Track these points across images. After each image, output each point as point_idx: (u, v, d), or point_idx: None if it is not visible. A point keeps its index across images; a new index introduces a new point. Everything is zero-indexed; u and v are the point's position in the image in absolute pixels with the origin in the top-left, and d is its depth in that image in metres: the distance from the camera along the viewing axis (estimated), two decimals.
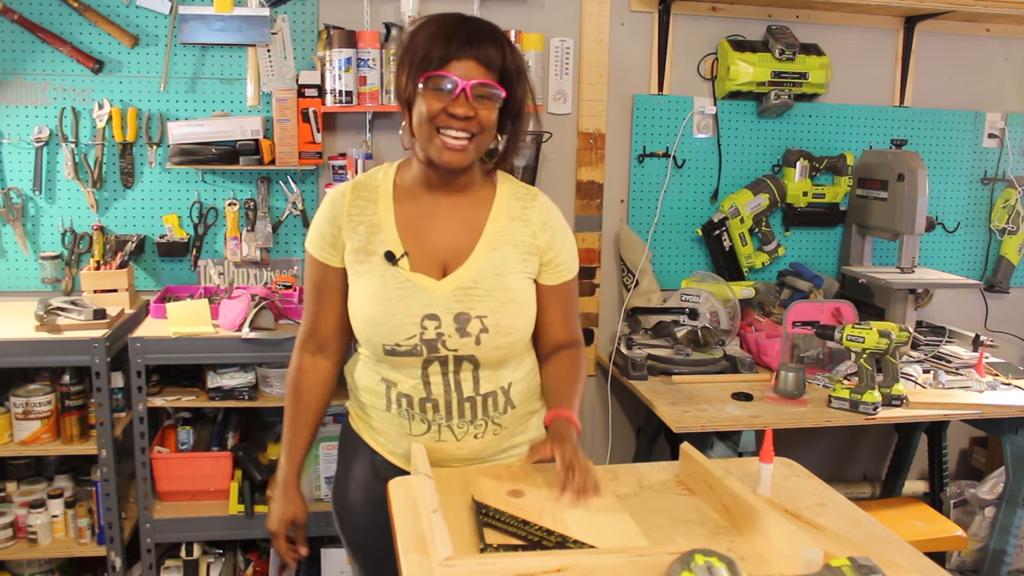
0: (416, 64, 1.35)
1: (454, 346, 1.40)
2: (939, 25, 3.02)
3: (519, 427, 1.52)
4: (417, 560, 1.09)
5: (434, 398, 1.43)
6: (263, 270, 2.74)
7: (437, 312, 1.39)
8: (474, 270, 1.42)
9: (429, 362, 1.42)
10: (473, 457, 1.48)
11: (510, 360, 1.47)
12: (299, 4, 2.63)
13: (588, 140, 2.86)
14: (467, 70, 1.34)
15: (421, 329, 1.39)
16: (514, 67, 1.39)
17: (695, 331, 2.65)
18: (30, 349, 2.21)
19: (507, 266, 1.44)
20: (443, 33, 1.35)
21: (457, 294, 1.40)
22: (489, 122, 1.37)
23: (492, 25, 1.40)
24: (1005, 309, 3.28)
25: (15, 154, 2.59)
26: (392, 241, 1.42)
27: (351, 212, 1.45)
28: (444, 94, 1.33)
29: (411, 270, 1.41)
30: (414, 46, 1.37)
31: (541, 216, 1.49)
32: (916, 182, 2.65)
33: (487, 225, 1.45)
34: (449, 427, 1.45)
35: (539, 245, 1.48)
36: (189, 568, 2.44)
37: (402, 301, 1.39)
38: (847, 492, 2.98)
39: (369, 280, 1.42)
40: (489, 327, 1.40)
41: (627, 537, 1.16)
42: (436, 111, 1.34)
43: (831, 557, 1.04)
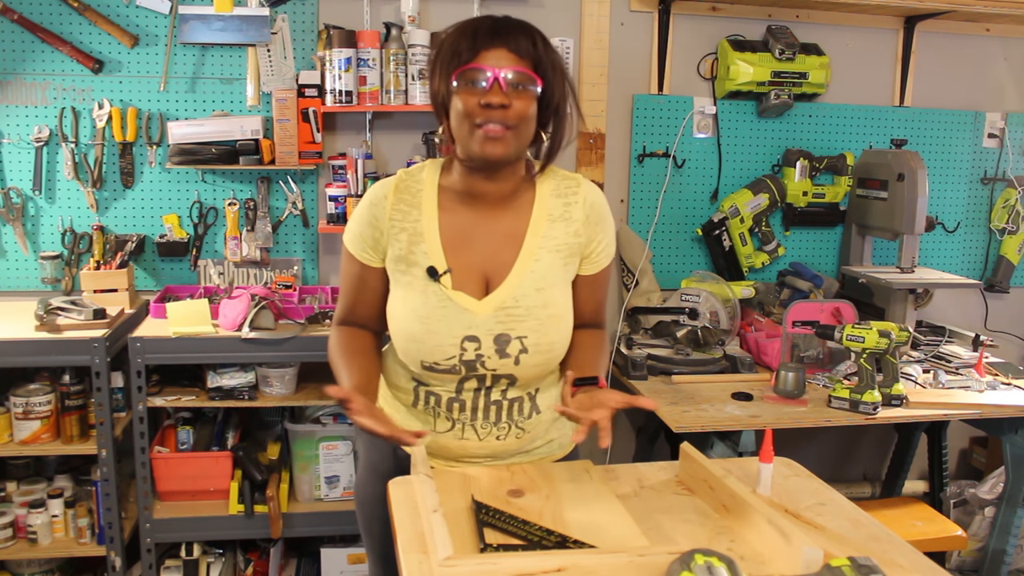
0: (447, 63, 1.33)
1: (493, 367, 1.39)
2: (939, 25, 3.02)
3: (542, 431, 1.52)
4: (417, 560, 1.09)
5: (462, 399, 1.44)
6: (263, 270, 2.74)
7: (478, 334, 1.38)
8: (515, 287, 1.39)
9: (466, 379, 1.42)
10: (492, 455, 1.49)
11: (546, 373, 1.47)
12: (299, 4, 2.63)
13: (588, 140, 2.86)
14: (498, 59, 1.30)
15: (461, 350, 1.38)
16: (549, 59, 1.35)
17: (695, 331, 2.65)
18: (30, 349, 2.21)
19: (548, 278, 1.42)
20: (469, 29, 1.33)
21: (498, 315, 1.38)
22: (527, 113, 1.33)
23: (523, 20, 1.37)
24: (1005, 309, 3.28)
25: (15, 154, 2.59)
26: (435, 253, 1.39)
27: (393, 216, 1.41)
28: (478, 87, 1.30)
29: (453, 287, 1.38)
30: (443, 49, 1.35)
31: (584, 210, 1.46)
32: (916, 182, 2.65)
33: (528, 234, 1.42)
34: (473, 426, 1.46)
35: (580, 243, 1.46)
36: (189, 568, 2.44)
37: (443, 320, 1.37)
38: (847, 492, 2.98)
39: (410, 293, 1.39)
40: (529, 347, 1.39)
41: (627, 537, 1.16)
42: (472, 105, 1.30)
43: (831, 557, 1.04)
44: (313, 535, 2.53)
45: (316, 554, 2.58)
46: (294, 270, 2.75)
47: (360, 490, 1.62)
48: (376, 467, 1.56)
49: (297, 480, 2.51)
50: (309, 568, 2.66)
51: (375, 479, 1.54)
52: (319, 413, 2.53)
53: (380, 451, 1.55)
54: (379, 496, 1.52)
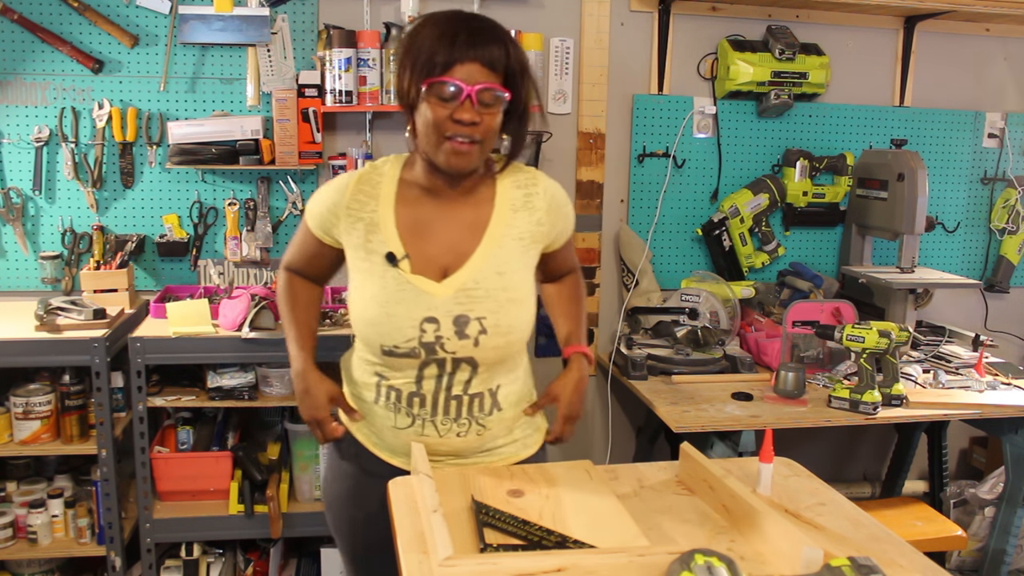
0: (419, 68, 1.33)
1: (452, 348, 1.40)
2: (939, 25, 3.02)
3: (503, 430, 1.52)
4: (417, 560, 1.09)
5: (423, 394, 1.44)
6: (263, 270, 2.74)
7: (436, 315, 1.39)
8: (476, 270, 1.41)
9: (426, 364, 1.42)
10: (454, 453, 1.49)
11: (507, 360, 1.47)
12: (299, 4, 2.63)
13: (588, 140, 2.86)
14: (471, 74, 1.32)
15: (420, 332, 1.39)
16: (518, 66, 1.37)
17: (695, 331, 2.65)
18: (30, 349, 2.20)
19: (510, 264, 1.44)
20: (446, 35, 1.33)
21: (458, 296, 1.40)
22: (494, 126, 1.36)
23: (493, 22, 1.38)
24: (1005, 309, 3.28)
25: (15, 154, 2.59)
26: (392, 242, 1.42)
27: (351, 206, 1.45)
28: (449, 100, 1.32)
29: (412, 272, 1.41)
30: (416, 48, 1.35)
31: (546, 200, 1.50)
32: (916, 182, 2.65)
33: (491, 223, 1.45)
34: (433, 423, 1.46)
35: (543, 231, 1.50)
36: (189, 568, 2.44)
37: (402, 304, 1.39)
38: (847, 492, 2.98)
39: (369, 280, 1.42)
40: (488, 328, 1.40)
41: (627, 537, 1.16)
42: (442, 118, 1.33)
43: (831, 557, 1.04)
44: (313, 535, 2.52)
45: (316, 554, 2.58)
46: None
47: (326, 490, 1.63)
48: (339, 467, 1.57)
49: (297, 480, 2.51)
50: (309, 568, 2.66)
51: (340, 478, 1.57)
52: None
53: (342, 451, 1.57)
54: (344, 495, 1.56)
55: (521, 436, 1.55)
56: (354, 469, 1.55)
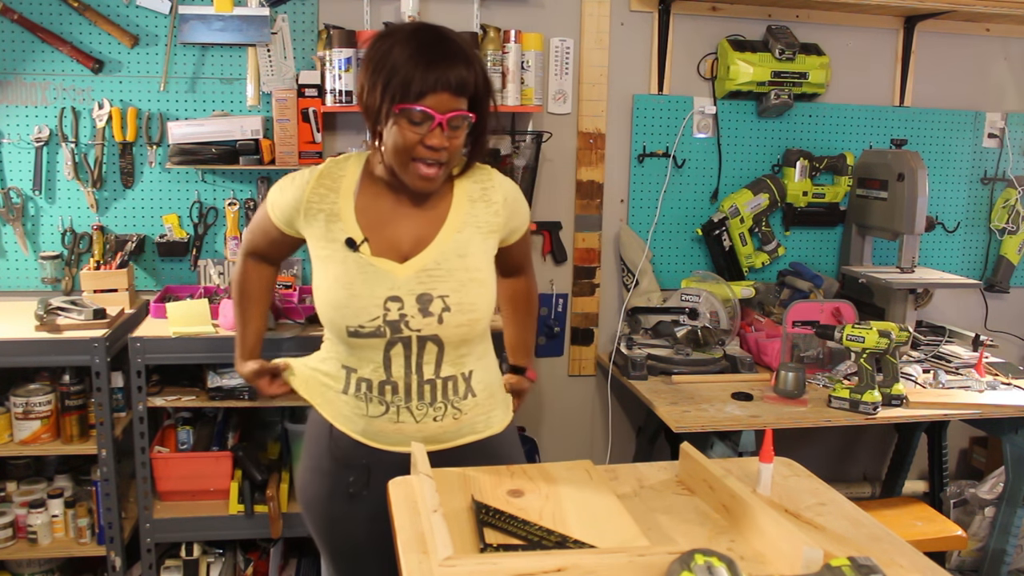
0: (391, 90, 1.35)
1: (417, 326, 1.44)
2: (939, 25, 3.02)
3: (480, 416, 1.55)
4: (417, 560, 1.09)
5: (394, 380, 1.46)
6: None
7: (400, 293, 1.43)
8: (436, 252, 1.46)
9: (392, 344, 1.44)
10: (432, 439, 1.50)
11: (473, 340, 1.50)
12: (299, 4, 2.63)
13: (588, 140, 2.86)
14: (442, 102, 1.36)
15: (384, 311, 1.42)
16: (484, 86, 1.42)
17: (695, 331, 2.65)
18: (30, 349, 2.21)
19: (470, 246, 1.49)
20: (418, 60, 1.34)
21: (419, 276, 1.44)
22: (458, 146, 1.42)
23: (461, 43, 1.40)
24: (1005, 309, 3.28)
25: (15, 154, 2.59)
26: (351, 229, 1.46)
27: (311, 199, 1.48)
28: (419, 125, 1.36)
29: (372, 255, 1.45)
30: (388, 68, 1.36)
31: (501, 193, 1.55)
32: (916, 182, 2.65)
33: (451, 212, 1.50)
34: (408, 408, 1.48)
35: (500, 222, 1.54)
36: (189, 568, 2.44)
37: (365, 284, 1.43)
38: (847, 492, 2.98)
39: (331, 266, 1.46)
40: (451, 306, 1.44)
41: (627, 537, 1.16)
42: (412, 142, 1.37)
43: (831, 557, 1.04)
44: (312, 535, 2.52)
45: (316, 554, 2.58)
46: (294, 270, 2.75)
47: (305, 491, 1.62)
48: (317, 465, 1.57)
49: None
50: (309, 568, 2.66)
51: (317, 478, 1.57)
52: None
53: (319, 449, 1.57)
54: (323, 495, 1.56)
55: (493, 412, 1.59)
56: (329, 465, 1.54)
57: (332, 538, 1.59)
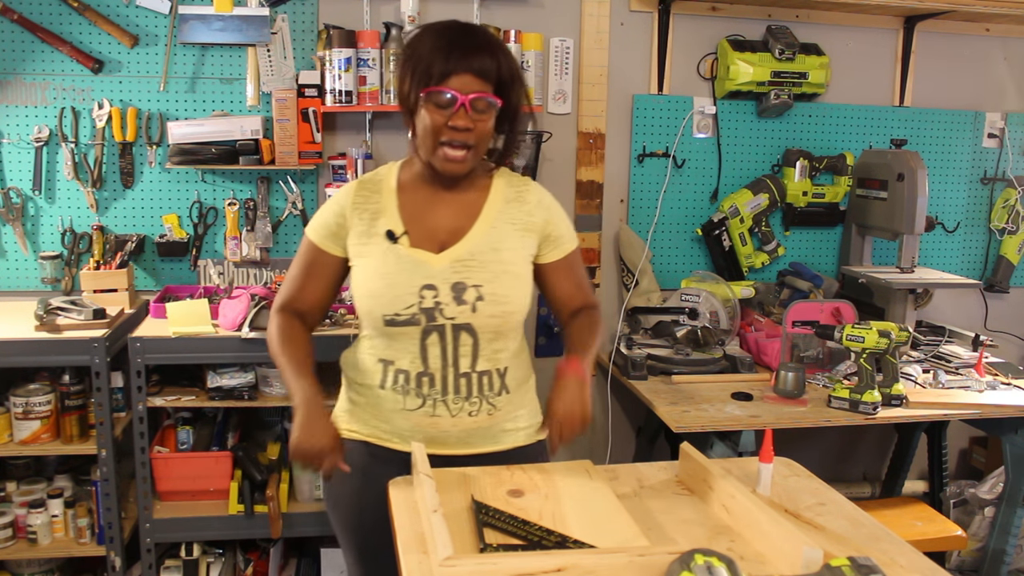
0: (418, 76, 1.43)
1: (451, 314, 1.47)
2: (939, 25, 3.02)
3: (511, 414, 1.57)
4: (417, 560, 1.09)
5: (431, 372, 1.49)
6: (263, 270, 2.74)
7: (435, 282, 1.47)
8: (471, 244, 1.51)
9: (428, 332, 1.47)
10: (467, 435, 1.52)
11: (507, 334, 1.52)
12: (299, 4, 2.63)
13: (588, 140, 2.86)
14: (465, 83, 1.42)
15: (419, 298, 1.47)
16: (509, 75, 1.47)
17: (695, 331, 2.65)
18: (30, 349, 2.20)
19: (504, 242, 1.53)
20: (442, 47, 1.43)
21: (455, 266, 1.48)
22: (486, 131, 1.46)
23: (488, 34, 1.49)
24: (1005, 309, 3.28)
25: (15, 154, 2.59)
26: (393, 223, 1.51)
27: (356, 202, 1.54)
28: (444, 108, 1.42)
29: (410, 247, 1.49)
30: (415, 57, 1.45)
31: (536, 196, 1.59)
32: (916, 182, 2.65)
33: (485, 207, 1.55)
34: (444, 402, 1.50)
35: (536, 222, 1.57)
36: (189, 568, 2.44)
37: (402, 273, 1.48)
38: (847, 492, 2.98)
39: (371, 259, 1.51)
40: (485, 295, 1.47)
41: (627, 537, 1.16)
42: (439, 124, 1.43)
43: (831, 557, 1.04)
44: (313, 535, 2.52)
45: (316, 554, 2.58)
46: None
47: (332, 489, 1.62)
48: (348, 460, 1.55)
49: (297, 480, 2.51)
50: (309, 568, 2.66)
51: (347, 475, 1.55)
52: None
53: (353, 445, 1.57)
54: (352, 491, 1.57)
55: (524, 426, 1.60)
56: (363, 462, 1.55)
57: (360, 533, 1.59)
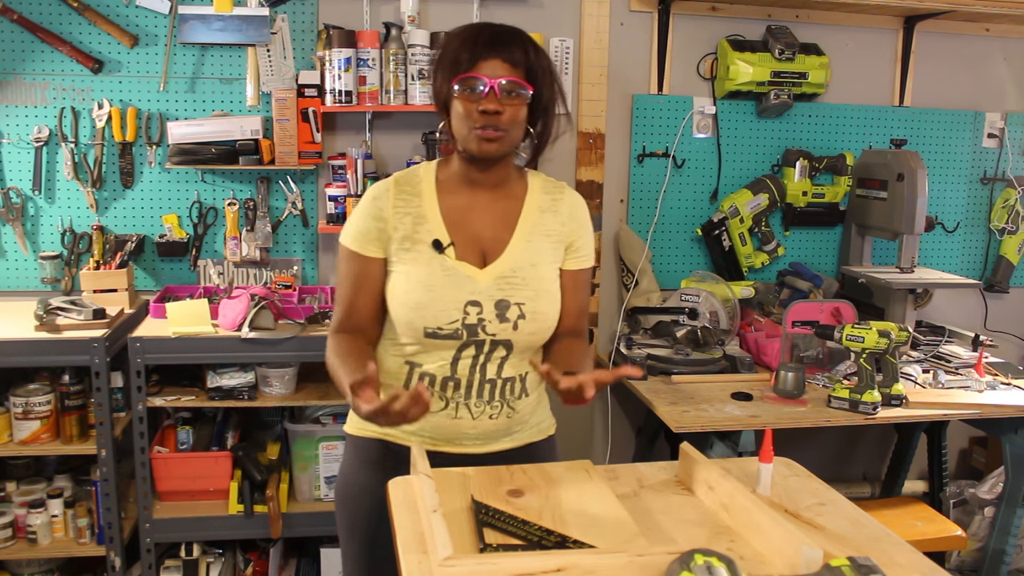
0: (449, 68, 1.47)
1: (493, 331, 1.48)
2: (939, 25, 3.02)
3: (528, 412, 1.60)
4: (417, 560, 1.09)
5: (457, 377, 1.50)
6: (263, 270, 2.74)
7: (480, 299, 1.48)
8: (512, 260, 1.51)
9: (466, 346, 1.48)
10: (484, 435, 1.54)
11: (538, 346, 1.55)
12: (299, 4, 2.63)
13: (588, 140, 2.86)
14: (494, 69, 1.44)
15: (464, 314, 1.47)
16: (539, 66, 1.49)
17: (695, 331, 2.65)
18: (30, 349, 2.21)
19: (541, 256, 1.54)
20: (470, 38, 1.47)
21: (499, 282, 1.49)
22: (518, 117, 1.47)
23: (517, 28, 1.52)
24: (1005, 309, 3.28)
25: (15, 154, 2.59)
26: (438, 230, 1.50)
27: (397, 204, 1.52)
28: (476, 94, 1.43)
29: (456, 259, 1.49)
30: (446, 54, 1.49)
31: (569, 207, 1.60)
32: (916, 182, 2.65)
33: (521, 218, 1.55)
34: (467, 405, 1.51)
35: (566, 233, 1.58)
36: (189, 568, 2.44)
37: (447, 287, 1.47)
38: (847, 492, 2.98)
39: (415, 267, 1.49)
40: (527, 313, 1.49)
41: (627, 537, 1.16)
42: (471, 110, 1.44)
43: (831, 557, 1.04)
44: (313, 535, 2.53)
45: (316, 554, 2.58)
46: (294, 270, 2.75)
47: (345, 486, 1.60)
48: (365, 457, 1.57)
49: (297, 480, 2.51)
50: (309, 568, 2.66)
51: (365, 469, 1.57)
52: (319, 413, 2.52)
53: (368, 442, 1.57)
54: (367, 488, 1.55)
55: (538, 422, 1.63)
56: (379, 459, 1.55)
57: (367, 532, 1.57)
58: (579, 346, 1.59)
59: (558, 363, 1.47)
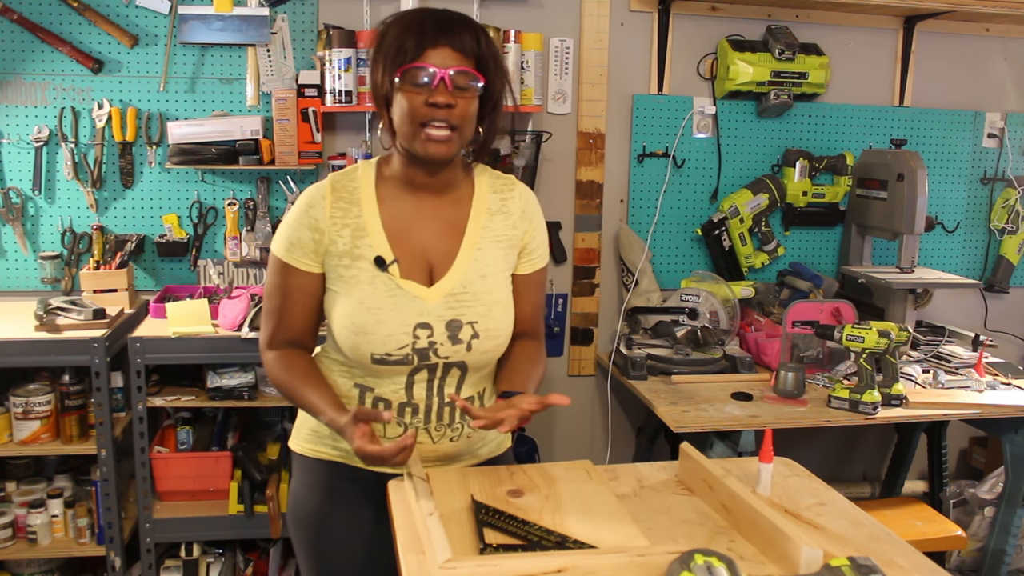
0: (391, 58, 1.32)
1: (446, 354, 1.39)
2: (939, 25, 3.02)
3: (488, 434, 1.52)
4: (417, 560, 1.09)
5: (415, 403, 1.42)
6: (263, 270, 2.74)
7: (429, 320, 1.37)
8: (461, 274, 1.40)
9: (417, 370, 1.40)
10: (444, 457, 1.47)
11: (492, 363, 1.47)
12: (299, 4, 2.63)
13: (588, 140, 2.86)
14: (443, 58, 1.30)
15: (414, 338, 1.37)
16: (490, 55, 1.35)
17: (695, 331, 2.65)
18: (30, 349, 2.21)
19: (491, 266, 1.43)
20: (414, 25, 1.32)
21: (448, 301, 1.39)
22: (470, 112, 1.34)
23: (464, 14, 1.36)
24: (1005, 309, 3.28)
25: (15, 154, 2.59)
26: (380, 245, 1.38)
27: (334, 215, 1.39)
28: (423, 86, 1.30)
29: (401, 277, 1.38)
30: (387, 43, 1.33)
31: (520, 205, 1.48)
32: (916, 182, 2.65)
33: (469, 224, 1.44)
34: (427, 430, 1.44)
35: (518, 236, 1.47)
36: (189, 568, 2.44)
37: (394, 310, 1.36)
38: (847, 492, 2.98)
39: (356, 287, 1.38)
40: (480, 332, 1.40)
41: (627, 537, 1.16)
42: (418, 104, 1.30)
43: (831, 557, 1.04)
44: None
45: None
46: None
47: (298, 508, 1.51)
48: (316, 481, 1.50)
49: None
50: None
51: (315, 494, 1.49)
52: None
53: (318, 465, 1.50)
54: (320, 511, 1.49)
55: (494, 437, 1.56)
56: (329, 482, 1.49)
57: (327, 555, 1.50)
58: (529, 353, 1.50)
59: (503, 379, 1.45)
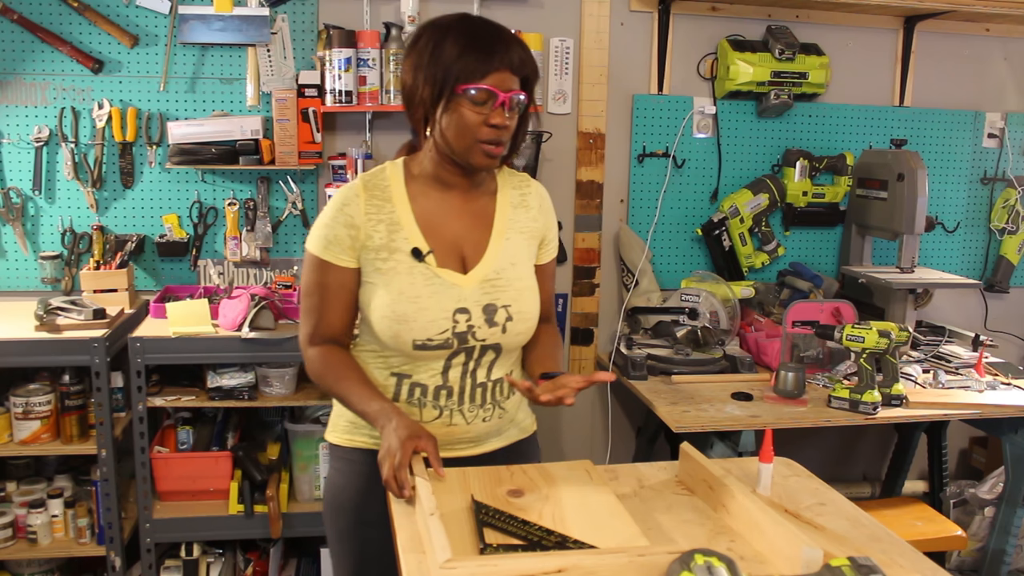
0: (452, 72, 1.38)
1: (483, 336, 1.46)
2: (939, 25, 3.02)
3: (514, 410, 1.60)
4: (417, 560, 1.09)
5: (449, 385, 1.49)
6: (263, 270, 2.74)
7: (467, 305, 1.45)
8: (493, 261, 1.49)
9: (456, 354, 1.47)
10: (477, 437, 1.54)
11: (521, 346, 1.55)
12: (299, 4, 2.63)
13: (588, 140, 2.86)
14: (503, 80, 1.39)
15: (453, 323, 1.44)
16: (532, 71, 1.45)
17: (695, 331, 2.65)
18: (30, 349, 2.21)
19: (518, 255, 1.53)
20: (476, 42, 1.39)
21: (483, 286, 1.47)
22: (513, 127, 1.45)
23: (507, 29, 1.45)
24: (1005, 309, 3.28)
25: (15, 154, 2.59)
26: (415, 237, 1.46)
27: (368, 211, 1.46)
28: (483, 105, 1.39)
29: (437, 266, 1.46)
30: (444, 54, 1.39)
31: (537, 200, 1.59)
32: (916, 182, 2.65)
33: (496, 216, 1.53)
34: (461, 411, 1.51)
35: (539, 228, 1.58)
36: (189, 568, 2.44)
37: (433, 297, 1.44)
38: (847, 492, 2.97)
39: (395, 278, 1.44)
40: (513, 315, 1.48)
41: (627, 537, 1.16)
42: (477, 123, 1.39)
43: (831, 557, 1.04)
44: (313, 535, 2.52)
45: (316, 554, 2.58)
46: (294, 270, 2.75)
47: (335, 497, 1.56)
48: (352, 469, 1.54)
49: (297, 480, 2.51)
50: (309, 568, 2.66)
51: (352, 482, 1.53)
52: (319, 413, 2.53)
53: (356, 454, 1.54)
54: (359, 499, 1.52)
55: (521, 420, 1.64)
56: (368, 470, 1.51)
57: (363, 539, 1.54)
58: (552, 337, 1.62)
59: (536, 362, 1.55)
